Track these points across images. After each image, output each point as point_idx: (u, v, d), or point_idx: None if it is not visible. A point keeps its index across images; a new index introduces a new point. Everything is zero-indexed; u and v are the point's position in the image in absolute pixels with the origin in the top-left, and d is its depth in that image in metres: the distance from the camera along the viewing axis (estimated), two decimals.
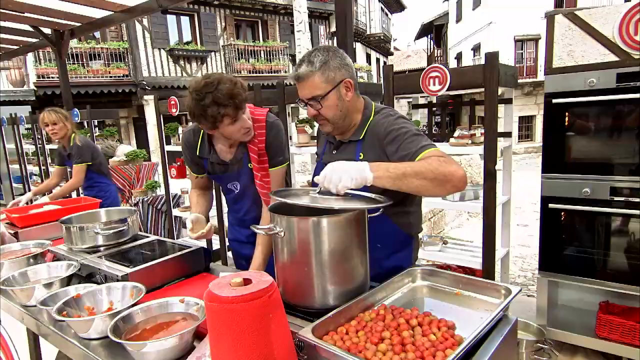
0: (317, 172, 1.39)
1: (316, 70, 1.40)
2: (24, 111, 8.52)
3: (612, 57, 2.31)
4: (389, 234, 1.54)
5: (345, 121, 1.50)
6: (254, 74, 15.66)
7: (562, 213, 2.58)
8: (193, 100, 1.54)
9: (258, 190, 1.80)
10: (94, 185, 3.55)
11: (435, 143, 1.46)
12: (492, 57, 2.34)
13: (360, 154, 1.49)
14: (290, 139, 3.46)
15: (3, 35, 5.41)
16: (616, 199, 2.36)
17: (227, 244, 4.14)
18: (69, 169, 3.79)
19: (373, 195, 1.27)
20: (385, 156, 1.41)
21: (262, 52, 16.11)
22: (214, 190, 2.03)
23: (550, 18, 2.49)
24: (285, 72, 16.41)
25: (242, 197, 1.89)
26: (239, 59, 15.45)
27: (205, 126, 1.60)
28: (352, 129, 1.54)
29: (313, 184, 1.41)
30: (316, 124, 4.01)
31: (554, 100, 2.48)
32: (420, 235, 1.84)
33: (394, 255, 1.56)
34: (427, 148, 1.32)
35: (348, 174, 1.17)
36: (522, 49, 18.21)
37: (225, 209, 4.07)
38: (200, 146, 1.81)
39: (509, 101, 2.81)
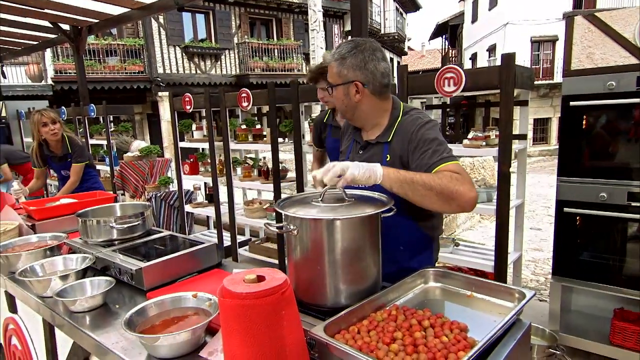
0: None
1: (333, 61, 1.45)
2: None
3: (633, 60, 2.26)
4: (412, 236, 1.53)
5: (354, 116, 1.51)
6: (268, 72, 15.73)
7: (578, 217, 2.54)
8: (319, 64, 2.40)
9: None
10: (90, 177, 3.67)
11: (449, 145, 1.43)
12: (508, 58, 2.31)
13: (388, 155, 1.46)
14: (303, 137, 3.47)
15: (23, 31, 5.52)
16: (633, 204, 2.31)
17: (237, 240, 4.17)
18: (51, 170, 3.90)
19: (377, 195, 1.28)
20: (408, 162, 1.41)
21: (276, 50, 16.15)
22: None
23: (569, 19, 2.45)
24: (299, 70, 16.43)
25: None
26: (252, 56, 15.52)
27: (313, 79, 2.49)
28: (376, 127, 1.52)
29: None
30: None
31: (572, 103, 2.44)
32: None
33: (417, 257, 1.56)
34: (445, 161, 1.31)
35: (357, 165, 1.20)
36: (538, 50, 17.97)
37: (237, 205, 4.11)
38: (328, 115, 2.66)
39: (524, 103, 2.77)
